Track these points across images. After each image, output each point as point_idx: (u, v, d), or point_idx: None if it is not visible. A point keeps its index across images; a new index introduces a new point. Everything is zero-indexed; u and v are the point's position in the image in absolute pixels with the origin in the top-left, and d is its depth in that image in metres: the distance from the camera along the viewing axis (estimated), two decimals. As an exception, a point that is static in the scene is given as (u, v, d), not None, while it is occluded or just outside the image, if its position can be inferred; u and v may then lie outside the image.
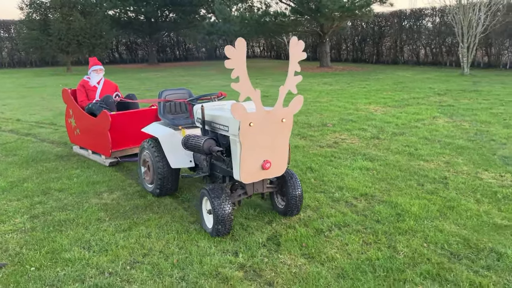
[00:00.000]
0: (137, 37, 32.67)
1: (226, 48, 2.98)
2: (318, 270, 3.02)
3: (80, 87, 6.28)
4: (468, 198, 4.27)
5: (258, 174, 3.43)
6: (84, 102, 6.20)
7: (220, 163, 3.85)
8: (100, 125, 5.64)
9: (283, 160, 3.54)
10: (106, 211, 4.19)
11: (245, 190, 3.70)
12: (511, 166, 5.20)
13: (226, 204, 3.43)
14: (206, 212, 3.65)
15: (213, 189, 3.52)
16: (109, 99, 5.93)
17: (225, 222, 3.43)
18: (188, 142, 3.77)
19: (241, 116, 3.15)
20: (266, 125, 3.32)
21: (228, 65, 3.01)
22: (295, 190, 3.78)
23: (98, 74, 6.33)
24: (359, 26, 25.71)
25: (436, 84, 13.68)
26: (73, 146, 6.57)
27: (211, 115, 3.79)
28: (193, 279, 2.96)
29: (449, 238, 3.45)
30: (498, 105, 9.50)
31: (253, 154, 3.32)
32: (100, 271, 3.10)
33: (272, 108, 3.35)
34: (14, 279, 3.01)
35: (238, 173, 3.38)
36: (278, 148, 3.45)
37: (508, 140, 6.44)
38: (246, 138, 3.25)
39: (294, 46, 3.34)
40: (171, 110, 4.90)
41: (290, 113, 3.42)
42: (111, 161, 5.70)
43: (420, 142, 6.49)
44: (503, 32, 18.22)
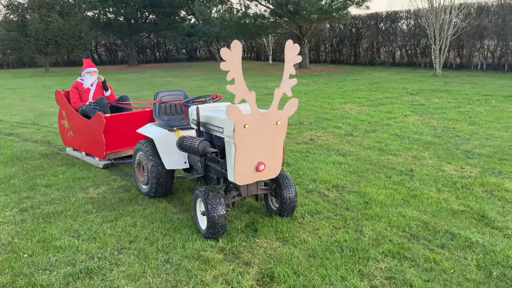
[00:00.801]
0: (117, 38, 32.60)
1: (222, 50, 2.99)
2: (291, 251, 3.32)
3: (74, 88, 6.24)
4: (430, 188, 4.64)
5: (253, 176, 3.44)
6: (77, 103, 6.18)
7: (215, 164, 3.87)
8: (94, 127, 5.63)
9: (278, 162, 3.55)
10: (93, 204, 4.42)
11: (239, 192, 3.70)
12: (471, 159, 5.61)
13: (220, 206, 3.44)
14: (200, 214, 3.65)
15: (207, 191, 3.52)
16: (102, 100, 5.95)
17: (219, 224, 3.44)
18: (183, 143, 3.79)
19: (236, 117, 3.16)
20: (261, 127, 3.33)
21: (224, 67, 3.04)
22: (289, 192, 3.81)
23: (92, 76, 6.30)
24: (337, 28, 26.26)
25: (410, 84, 14.21)
26: (66, 148, 6.54)
27: (206, 117, 3.80)
28: (176, 261, 3.22)
29: (410, 222, 3.80)
30: (466, 104, 10.00)
31: (247, 156, 3.34)
32: (90, 256, 3.34)
33: (267, 111, 3.37)
34: (9, 264, 3.22)
35: (232, 175, 3.40)
36: (272, 150, 3.46)
37: (471, 136, 6.88)
38: (241, 140, 3.26)
39: (289, 49, 3.38)
40: (166, 111, 4.93)
41: (285, 115, 3.44)
42: (105, 163, 5.70)
43: (391, 138, 6.87)
44: (474, 34, 18.96)
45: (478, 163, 5.45)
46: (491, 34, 18.86)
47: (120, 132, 5.70)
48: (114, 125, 5.62)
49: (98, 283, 2.97)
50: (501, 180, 4.79)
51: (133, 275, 3.05)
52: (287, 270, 3.04)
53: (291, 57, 3.39)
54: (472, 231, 3.57)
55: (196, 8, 23.42)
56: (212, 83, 16.47)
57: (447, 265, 3.07)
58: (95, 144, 5.68)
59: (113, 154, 5.77)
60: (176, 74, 21.46)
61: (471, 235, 3.50)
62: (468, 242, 3.40)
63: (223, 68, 3.05)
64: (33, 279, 3.02)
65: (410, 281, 2.87)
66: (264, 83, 15.65)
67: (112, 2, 26.43)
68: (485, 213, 3.93)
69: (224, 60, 3.04)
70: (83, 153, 6.09)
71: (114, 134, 5.64)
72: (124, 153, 5.91)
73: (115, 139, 5.67)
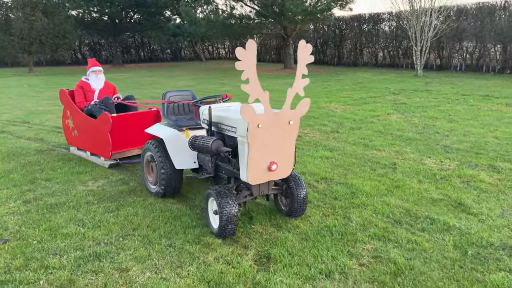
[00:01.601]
0: (101, 38, 32.47)
1: (237, 50, 3.00)
2: (285, 235, 3.59)
3: (79, 88, 6.20)
4: (412, 179, 4.96)
5: (265, 175, 3.44)
6: (82, 103, 6.13)
7: (226, 164, 3.87)
8: (100, 127, 5.59)
9: (289, 162, 3.55)
10: (94, 196, 4.62)
11: (251, 191, 3.69)
12: (450, 154, 5.97)
13: (232, 205, 3.44)
14: (212, 213, 3.64)
15: (219, 190, 3.53)
16: (108, 100, 5.88)
17: (231, 223, 3.45)
18: (196, 142, 3.77)
19: (250, 117, 3.16)
20: (274, 127, 3.33)
21: (239, 67, 3.03)
22: (300, 192, 3.80)
23: (97, 75, 6.25)
24: (321, 29, 26.67)
25: (392, 84, 14.64)
26: (71, 147, 6.49)
27: (218, 116, 3.79)
28: (179, 245, 3.46)
29: (394, 209, 4.11)
30: (446, 103, 10.43)
31: (260, 155, 3.34)
32: (97, 242, 3.55)
33: (280, 110, 3.37)
34: (20, 250, 3.42)
35: (245, 174, 3.39)
36: (284, 150, 3.46)
37: (450, 132, 7.26)
38: (254, 139, 3.26)
39: (302, 49, 3.37)
40: (175, 111, 4.94)
41: (297, 115, 3.44)
42: (110, 162, 5.68)
43: (375, 135, 7.21)
44: (454, 36, 19.55)
45: (456, 157, 5.81)
46: (470, 36, 19.47)
47: (126, 132, 5.69)
48: (120, 125, 5.60)
49: (107, 264, 3.19)
50: (476, 172, 5.15)
51: (139, 258, 3.28)
52: (282, 252, 3.32)
53: (304, 57, 3.38)
54: (450, 217, 3.90)
55: (182, 8, 23.58)
56: (199, 83, 16.66)
57: (427, 245, 3.38)
58: (101, 143, 5.65)
59: (119, 154, 5.77)
60: (162, 74, 21.57)
61: (449, 220, 3.83)
62: (446, 226, 3.72)
63: (238, 68, 3.02)
64: (45, 262, 3.23)
65: (394, 259, 3.17)
66: (251, 82, 15.93)
67: (97, 1, 26.33)
68: (462, 201, 4.26)
69: (239, 60, 3.01)
70: (88, 153, 6.07)
71: (120, 134, 5.62)
72: (129, 153, 5.92)
73: (121, 139, 5.66)
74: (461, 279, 2.91)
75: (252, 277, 2.99)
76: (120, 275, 3.06)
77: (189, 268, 3.12)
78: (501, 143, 6.42)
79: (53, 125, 8.64)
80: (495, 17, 18.36)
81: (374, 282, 2.92)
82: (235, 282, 2.94)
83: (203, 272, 3.06)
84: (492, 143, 6.44)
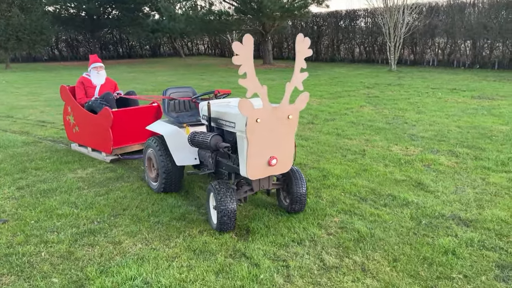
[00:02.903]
0: (78, 34, 32.24)
1: (234, 44, 2.97)
2: (263, 212, 3.99)
3: (79, 84, 6.20)
4: (379, 164, 5.42)
5: (265, 170, 3.42)
6: (83, 99, 6.13)
7: (226, 160, 3.87)
8: (101, 122, 5.61)
9: (289, 156, 3.53)
10: (84, 182, 4.93)
11: (251, 187, 3.70)
12: (415, 141, 6.46)
13: (231, 201, 3.46)
14: (212, 208, 3.65)
15: (218, 186, 3.54)
16: (109, 96, 5.91)
17: (229, 218, 3.47)
18: (195, 138, 3.80)
19: (248, 112, 3.14)
20: (273, 122, 3.31)
21: (236, 61, 3.01)
22: (300, 188, 3.82)
23: (98, 71, 6.26)
24: (299, 25, 27.15)
25: (367, 79, 15.19)
26: (72, 143, 6.48)
27: (217, 112, 3.79)
28: (166, 222, 3.82)
29: (361, 189, 4.55)
30: (416, 96, 11.00)
31: (259, 150, 3.31)
32: (90, 221, 3.88)
33: (278, 105, 3.35)
34: (20, 228, 3.73)
35: (244, 170, 3.37)
36: (284, 144, 3.43)
37: (417, 122, 7.77)
38: (253, 134, 3.23)
39: (300, 43, 3.34)
40: (175, 108, 4.96)
41: (296, 109, 3.42)
42: (112, 158, 5.70)
43: (347, 125, 7.67)
44: (426, 32, 20.26)
45: (421, 144, 6.31)
46: (442, 32, 20.20)
47: (127, 127, 5.72)
48: (122, 120, 5.63)
49: (102, 239, 3.53)
50: (437, 156, 5.64)
51: (130, 232, 3.63)
52: (260, 225, 3.71)
53: (302, 50, 3.37)
54: (409, 194, 4.36)
55: (161, 4, 23.70)
56: (179, 78, 16.91)
57: (387, 217, 3.83)
58: (102, 139, 5.67)
59: (120, 150, 5.79)
60: (142, 70, 21.69)
61: (408, 196, 4.29)
62: (405, 202, 4.18)
63: (235, 62, 3.01)
64: (44, 237, 3.55)
65: (358, 229, 3.60)
66: (230, 78, 16.27)
67: (75, -3, 26.27)
68: (421, 181, 4.74)
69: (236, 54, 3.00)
70: (89, 149, 6.07)
71: (122, 129, 5.65)
72: (131, 148, 5.94)
73: (122, 134, 5.69)
74: (414, 243, 3.36)
75: (233, 246, 3.37)
76: (114, 247, 3.40)
77: (176, 240, 3.49)
78: (462, 132, 6.95)
79: (36, 119, 8.84)
80: (465, 14, 19.10)
81: (340, 247, 3.34)
82: (217, 249, 3.32)
83: (189, 243, 3.43)
84: (454, 132, 6.97)
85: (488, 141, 6.30)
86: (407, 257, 3.16)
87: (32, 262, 3.18)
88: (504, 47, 17.82)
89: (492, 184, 4.59)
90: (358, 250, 3.27)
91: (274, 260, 3.15)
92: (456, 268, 3.00)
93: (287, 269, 3.03)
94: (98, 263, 3.15)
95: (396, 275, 2.93)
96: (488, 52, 18.54)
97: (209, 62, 26.83)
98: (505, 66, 17.51)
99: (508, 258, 3.11)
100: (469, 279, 2.87)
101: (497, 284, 2.80)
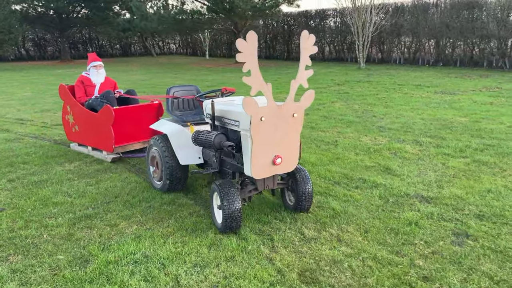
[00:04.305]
0: (46, 33, 31.68)
1: (237, 41, 2.94)
2: (246, 196, 4.34)
3: (79, 83, 6.16)
4: (350, 152, 5.87)
5: (269, 169, 3.35)
6: (82, 98, 6.07)
7: (230, 159, 3.82)
8: (102, 120, 5.53)
9: (294, 155, 3.47)
10: (73, 174, 5.16)
11: (256, 186, 3.65)
12: (383, 132, 6.96)
13: (235, 200, 3.40)
14: (216, 207, 3.61)
15: (223, 185, 3.48)
16: (109, 94, 5.85)
17: (234, 218, 3.41)
18: (199, 137, 3.74)
19: (253, 110, 3.07)
20: (277, 120, 3.25)
21: (240, 59, 2.95)
22: (305, 187, 3.76)
23: (97, 70, 6.23)
24: (270, 25, 27.61)
25: (337, 77, 15.76)
26: (71, 143, 6.39)
27: (221, 110, 3.72)
28: (158, 206, 4.13)
29: (334, 174, 4.97)
30: (383, 91, 11.59)
31: (264, 149, 3.25)
32: (85, 207, 4.14)
33: (283, 103, 3.28)
34: (18, 215, 3.95)
35: (249, 169, 3.32)
36: (289, 143, 3.37)
37: (385, 116, 8.29)
38: (257, 133, 3.17)
39: (305, 40, 3.27)
40: (179, 107, 4.91)
41: (302, 107, 3.36)
42: (113, 156, 5.63)
43: (320, 119, 8.11)
44: (393, 31, 21.07)
45: (388, 134, 6.80)
46: (407, 31, 21.04)
47: (128, 125, 5.67)
48: (123, 118, 5.58)
49: (99, 222, 3.81)
50: (403, 145, 6.14)
51: (125, 216, 3.92)
52: (245, 207, 4.05)
53: (307, 47, 3.29)
54: (378, 178, 4.81)
55: (133, 3, 23.68)
56: (152, 77, 17.05)
57: (358, 197, 4.25)
58: (103, 137, 5.59)
59: (121, 148, 5.71)
60: (114, 69, 21.62)
61: (377, 179, 4.73)
62: (375, 184, 4.62)
63: (239, 60, 2.96)
64: (44, 222, 3.79)
65: (333, 207, 4.00)
66: (204, 76, 16.56)
67: (43, -5, 25.85)
68: (389, 167, 5.20)
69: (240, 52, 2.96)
70: (89, 148, 5.99)
71: (123, 127, 5.60)
72: (132, 147, 5.86)
73: (123, 133, 5.63)
74: (382, 217, 3.79)
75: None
76: (111, 228, 3.68)
77: (169, 221, 3.80)
78: (426, 123, 7.50)
79: (14, 117, 8.90)
80: (428, 14, 19.98)
81: (317, 222, 3.73)
82: (208, 228, 3.65)
83: (181, 223, 3.75)
84: (419, 123, 7.51)
85: (449, 131, 6.85)
86: (376, 228, 3.58)
87: (36, 243, 3.43)
88: (465, 45, 18.76)
89: (451, 168, 5.10)
90: (334, 225, 3.67)
91: (259, 235, 3.51)
92: (418, 236, 3.44)
93: (272, 242, 3.40)
94: (98, 242, 3.43)
95: (367, 243, 3.34)
96: (450, 50, 19.46)
97: (181, 61, 26.95)
98: (466, 64, 18.46)
99: (462, 227, 3.57)
100: (429, 244, 3.32)
101: (453, 248, 3.25)
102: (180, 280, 2.89)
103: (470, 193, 4.29)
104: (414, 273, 2.93)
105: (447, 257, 3.11)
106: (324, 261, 3.10)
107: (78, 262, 3.13)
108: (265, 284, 2.83)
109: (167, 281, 2.88)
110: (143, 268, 3.03)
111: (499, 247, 3.24)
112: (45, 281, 2.90)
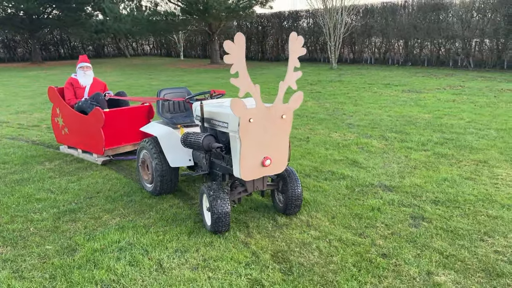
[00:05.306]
0: (16, 34, 31.10)
1: (225, 43, 2.93)
2: (222, 188, 4.61)
3: (68, 85, 6.12)
4: (321, 148, 6.21)
5: (258, 171, 3.36)
6: (72, 100, 6.03)
7: (220, 160, 3.83)
8: (92, 123, 5.53)
9: (283, 157, 3.47)
10: (54, 172, 5.32)
11: (245, 188, 3.67)
12: (352, 129, 7.34)
13: (224, 202, 3.43)
14: (206, 209, 3.63)
15: (211, 187, 3.51)
16: (99, 96, 5.86)
17: (223, 220, 3.44)
18: (187, 139, 3.76)
19: (241, 112, 3.08)
20: (266, 121, 3.25)
21: (228, 60, 2.97)
22: (294, 189, 3.78)
23: (84, 71, 6.21)
24: (245, 26, 27.91)
25: (310, 77, 16.18)
26: (60, 146, 6.37)
27: (210, 112, 3.74)
28: (139, 200, 4.36)
29: (305, 168, 5.29)
30: (354, 90, 12.04)
31: (253, 150, 3.26)
32: (68, 202, 4.33)
33: (272, 104, 3.29)
34: (3, 211, 4.12)
35: (238, 170, 3.32)
36: (278, 144, 3.37)
37: (354, 113, 8.70)
38: (246, 134, 3.18)
39: (293, 42, 3.27)
40: (170, 109, 4.91)
41: (290, 109, 3.37)
42: (104, 159, 5.61)
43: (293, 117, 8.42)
44: (364, 32, 21.69)
45: (356, 131, 7.19)
46: (377, 32, 21.70)
47: (119, 127, 5.66)
48: (113, 120, 5.56)
49: (83, 216, 4.01)
50: (370, 140, 6.53)
51: (108, 210, 4.14)
52: (221, 198, 4.33)
53: (295, 49, 3.29)
54: (346, 170, 5.15)
55: (106, 4, 23.55)
56: (127, 78, 17.09)
57: (327, 188, 4.58)
58: (94, 140, 5.58)
59: (111, 151, 5.69)
60: (88, 71, 21.49)
61: (345, 172, 5.08)
62: (342, 176, 4.96)
63: (227, 61, 2.98)
64: (29, 217, 3.97)
65: (303, 197, 4.31)
66: (180, 77, 16.73)
67: (13, -4, 25.41)
68: (356, 160, 5.56)
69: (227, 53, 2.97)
70: (79, 151, 5.97)
71: (113, 129, 5.59)
72: (123, 149, 5.85)
73: (114, 135, 5.63)
74: (348, 204, 4.13)
75: (200, 215, 3.97)
76: (95, 221, 3.90)
77: (150, 213, 4.04)
78: (392, 120, 7.94)
79: (-11, 119, 8.90)
80: (397, 16, 20.68)
81: (289, 211, 4.04)
82: (187, 218, 3.91)
83: (161, 214, 4.00)
84: (386, 120, 7.94)
85: (413, 127, 7.29)
86: (342, 214, 3.91)
87: (23, 235, 3.62)
88: (432, 46, 19.51)
89: (413, 160, 5.50)
90: (304, 212, 3.98)
91: (236, 223, 3.79)
92: (379, 219, 3.79)
93: (247, 228, 3.68)
94: (84, 233, 3.64)
95: (334, 227, 3.67)
96: (418, 50, 20.19)
97: (155, 62, 26.96)
98: (433, 64, 19.20)
99: (419, 211, 3.94)
100: (389, 226, 3.67)
101: (409, 229, 3.61)
102: (163, 263, 3.14)
103: (428, 182, 4.68)
104: (374, 251, 3.26)
105: (404, 237, 3.47)
106: (295, 244, 3.40)
107: (65, 251, 3.34)
108: (241, 264, 3.11)
109: (151, 265, 3.13)
110: (128, 254, 3.26)
111: (450, 227, 3.62)
112: (35, 269, 3.11)
